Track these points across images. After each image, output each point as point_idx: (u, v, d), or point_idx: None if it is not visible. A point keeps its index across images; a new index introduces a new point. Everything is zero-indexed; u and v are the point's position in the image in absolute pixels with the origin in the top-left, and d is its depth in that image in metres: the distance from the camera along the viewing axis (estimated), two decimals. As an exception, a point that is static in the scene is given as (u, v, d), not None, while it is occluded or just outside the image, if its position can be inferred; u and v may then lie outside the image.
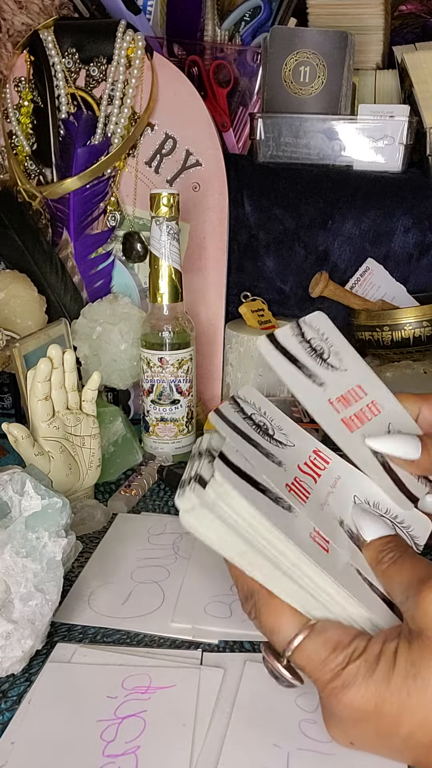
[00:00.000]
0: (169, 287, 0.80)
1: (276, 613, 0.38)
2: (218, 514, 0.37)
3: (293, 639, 0.37)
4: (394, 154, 0.91)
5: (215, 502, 0.37)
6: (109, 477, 0.78)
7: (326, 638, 0.37)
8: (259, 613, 0.39)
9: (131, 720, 0.44)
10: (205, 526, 0.37)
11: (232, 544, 0.37)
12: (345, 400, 0.48)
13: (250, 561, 0.38)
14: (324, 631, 0.37)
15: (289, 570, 0.37)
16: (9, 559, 0.50)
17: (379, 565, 0.40)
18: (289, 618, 0.38)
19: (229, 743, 0.42)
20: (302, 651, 0.37)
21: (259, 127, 0.93)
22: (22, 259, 0.92)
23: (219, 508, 0.37)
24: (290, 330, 0.50)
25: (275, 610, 0.38)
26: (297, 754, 0.41)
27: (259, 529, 0.37)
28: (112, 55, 0.89)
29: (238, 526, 0.37)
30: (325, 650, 0.36)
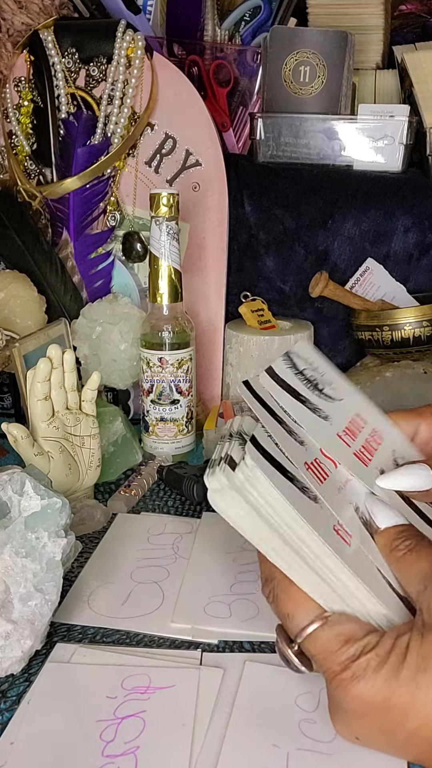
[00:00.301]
0: (169, 287, 0.80)
1: (293, 600, 0.38)
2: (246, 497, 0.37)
3: (307, 626, 0.38)
4: (394, 154, 0.91)
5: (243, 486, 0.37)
6: (109, 477, 0.78)
7: (340, 630, 0.37)
8: (276, 598, 0.39)
9: (131, 720, 0.44)
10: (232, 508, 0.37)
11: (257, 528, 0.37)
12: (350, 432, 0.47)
13: (273, 547, 0.38)
14: (338, 623, 0.37)
15: (311, 561, 0.37)
16: (8, 559, 0.50)
17: (394, 553, 0.39)
18: (305, 606, 0.38)
19: (229, 743, 0.42)
20: (315, 640, 0.37)
21: (259, 127, 0.93)
22: (22, 259, 0.92)
23: (247, 492, 0.37)
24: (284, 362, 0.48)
25: (293, 597, 0.38)
26: (296, 755, 0.41)
27: (285, 517, 0.37)
28: (112, 55, 0.89)
29: (264, 512, 0.37)
30: (338, 642, 0.36)
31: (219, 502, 0.38)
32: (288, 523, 0.37)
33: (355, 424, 0.47)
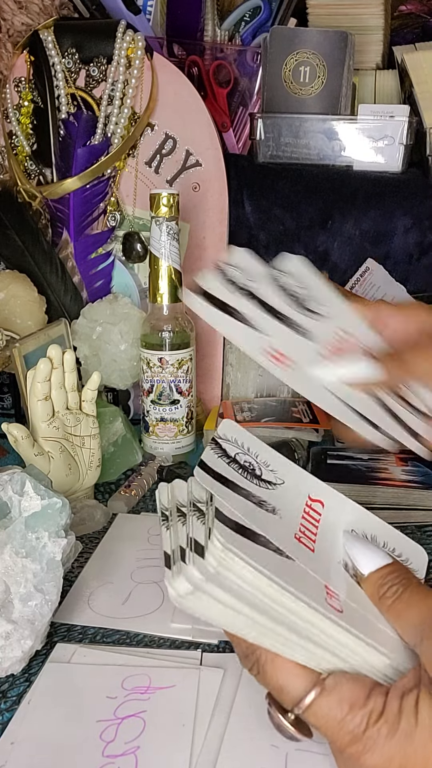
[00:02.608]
0: (169, 287, 0.80)
1: (282, 670, 0.36)
2: (222, 584, 0.34)
3: (304, 697, 0.35)
4: (394, 154, 0.91)
5: (218, 572, 0.34)
6: (109, 477, 0.78)
7: (340, 697, 0.35)
8: (263, 670, 0.37)
9: (131, 720, 0.44)
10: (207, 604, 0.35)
11: (237, 615, 0.35)
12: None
13: (258, 630, 0.35)
14: (337, 687, 0.35)
15: (303, 629, 0.35)
16: (9, 560, 0.50)
17: (383, 601, 0.37)
18: (297, 674, 0.36)
19: (228, 744, 0.42)
20: (315, 711, 0.35)
21: (259, 127, 0.93)
22: (22, 259, 0.92)
23: (222, 578, 0.34)
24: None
25: (281, 667, 0.36)
26: (295, 755, 0.41)
27: (269, 591, 0.34)
28: (112, 55, 0.89)
29: (244, 593, 0.34)
30: (341, 710, 0.34)
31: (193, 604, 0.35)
32: (273, 597, 0.35)
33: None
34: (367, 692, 0.35)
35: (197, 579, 0.34)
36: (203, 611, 0.35)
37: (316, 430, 0.83)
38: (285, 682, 0.36)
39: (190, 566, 0.35)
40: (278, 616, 0.35)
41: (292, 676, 0.36)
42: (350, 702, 0.34)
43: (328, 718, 0.35)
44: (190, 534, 0.37)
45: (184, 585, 0.35)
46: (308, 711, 0.35)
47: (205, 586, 0.34)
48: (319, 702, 0.35)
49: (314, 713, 0.35)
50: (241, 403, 0.89)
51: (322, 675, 0.36)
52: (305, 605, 0.35)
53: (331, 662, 0.36)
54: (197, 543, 0.36)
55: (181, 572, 0.35)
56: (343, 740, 0.34)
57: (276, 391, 0.92)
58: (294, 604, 0.35)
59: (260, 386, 0.92)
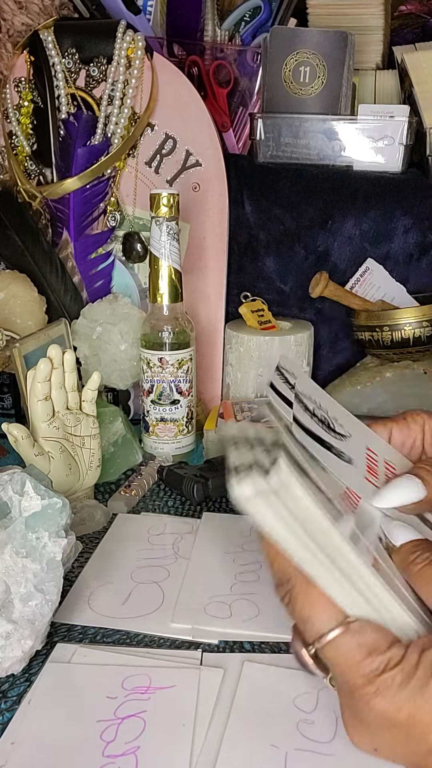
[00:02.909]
0: (169, 287, 0.80)
1: (313, 603, 0.37)
2: (283, 502, 0.36)
3: (328, 632, 0.36)
4: (394, 154, 0.91)
5: (278, 491, 0.35)
6: (109, 477, 0.78)
7: (363, 640, 0.36)
8: (294, 600, 0.37)
9: (131, 720, 0.44)
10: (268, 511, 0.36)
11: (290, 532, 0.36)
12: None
13: (307, 553, 0.37)
14: (361, 631, 0.36)
15: (344, 567, 0.36)
16: (9, 559, 0.50)
17: (412, 566, 0.38)
18: (326, 610, 0.37)
19: (228, 744, 0.42)
20: (335, 647, 0.36)
21: (259, 127, 0.93)
22: (22, 259, 0.92)
23: (282, 497, 0.36)
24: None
25: (312, 600, 0.37)
26: (295, 755, 0.41)
27: (321, 523, 0.36)
28: (112, 55, 0.89)
29: (299, 517, 0.36)
30: (360, 653, 0.35)
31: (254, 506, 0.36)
32: (323, 530, 0.36)
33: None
34: (388, 643, 0.35)
35: (263, 486, 0.35)
36: (261, 517, 0.36)
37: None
38: (313, 614, 0.37)
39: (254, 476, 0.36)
40: (327, 548, 0.36)
41: (321, 610, 0.37)
42: (371, 647, 0.35)
43: (346, 657, 0.35)
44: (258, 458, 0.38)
45: (248, 489, 0.36)
46: (328, 646, 0.36)
47: (268, 495, 0.35)
48: (341, 640, 0.36)
49: (334, 650, 0.36)
50: (241, 403, 0.89)
51: (350, 618, 0.36)
52: (349, 547, 0.36)
53: (363, 608, 0.37)
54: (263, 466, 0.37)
55: (248, 477, 0.36)
56: (356, 681, 0.35)
57: (276, 391, 0.92)
58: (343, 545, 0.36)
59: (260, 386, 0.92)
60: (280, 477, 0.36)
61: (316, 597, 0.37)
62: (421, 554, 0.39)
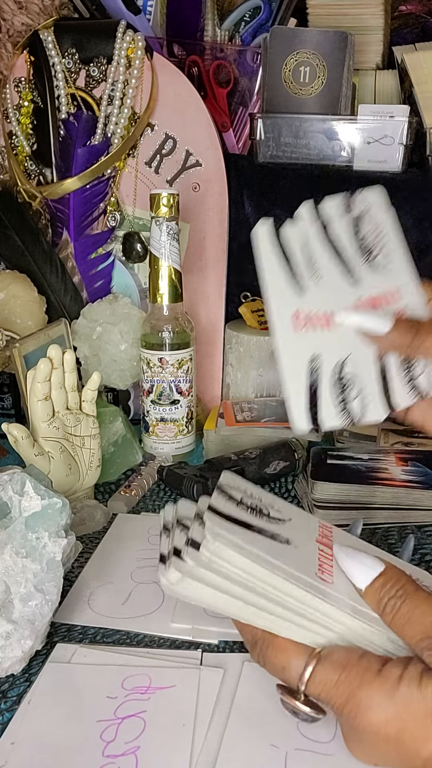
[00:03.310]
0: (169, 287, 0.80)
1: (281, 651, 0.38)
2: (214, 570, 0.36)
3: (304, 671, 0.37)
4: (394, 154, 0.91)
5: (211, 560, 0.36)
6: (109, 477, 0.78)
7: (334, 661, 0.36)
8: (265, 656, 0.39)
9: (131, 720, 0.44)
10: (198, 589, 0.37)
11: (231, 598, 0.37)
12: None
13: (251, 610, 0.37)
14: (331, 654, 0.37)
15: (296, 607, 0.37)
16: (9, 560, 0.50)
17: (384, 617, 0.38)
18: (294, 652, 0.38)
19: (228, 743, 0.42)
20: (314, 680, 0.37)
21: (259, 127, 0.93)
22: (22, 259, 0.92)
23: (216, 565, 0.36)
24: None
25: (280, 649, 0.38)
26: (295, 755, 0.41)
27: (261, 574, 0.36)
28: (112, 55, 0.89)
29: (236, 577, 0.37)
30: (335, 672, 0.36)
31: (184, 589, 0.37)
32: (264, 579, 0.36)
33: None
34: (359, 655, 0.36)
35: (190, 566, 0.36)
36: (195, 596, 0.37)
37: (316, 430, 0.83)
38: (286, 661, 0.38)
39: (185, 557, 0.37)
40: (271, 595, 0.37)
41: (291, 655, 0.38)
42: (343, 664, 0.36)
43: (325, 682, 0.36)
44: (190, 535, 0.39)
45: (174, 574, 0.37)
46: (310, 683, 0.37)
47: (197, 572, 0.36)
48: (318, 671, 0.36)
49: (314, 683, 0.36)
50: (241, 403, 0.89)
51: (317, 649, 0.37)
52: (296, 585, 0.36)
53: (326, 637, 0.37)
54: (194, 541, 0.38)
55: (172, 565, 0.37)
56: (339, 700, 0.35)
57: (276, 391, 0.92)
58: (286, 585, 0.36)
59: (260, 386, 0.92)
60: (209, 548, 0.36)
61: (283, 645, 0.38)
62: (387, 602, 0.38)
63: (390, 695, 0.34)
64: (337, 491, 0.70)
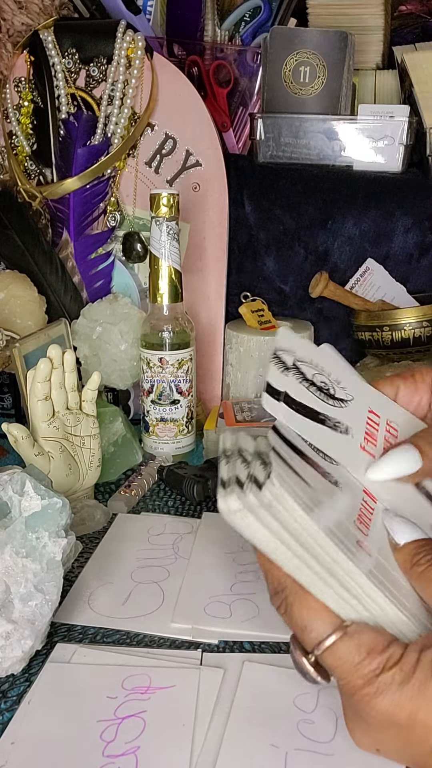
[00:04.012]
0: (169, 287, 0.80)
1: (309, 610, 0.37)
2: (275, 515, 0.36)
3: (325, 639, 0.36)
4: (394, 154, 0.91)
5: (272, 503, 0.36)
6: (109, 477, 0.78)
7: (360, 642, 0.36)
8: (290, 609, 0.38)
9: (131, 720, 0.44)
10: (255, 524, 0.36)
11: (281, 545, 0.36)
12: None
13: (297, 563, 0.37)
14: (358, 634, 0.36)
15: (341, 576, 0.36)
16: (9, 559, 0.50)
17: (415, 568, 0.38)
18: (322, 616, 0.37)
19: (228, 743, 0.42)
20: (334, 652, 0.36)
21: (259, 128, 0.93)
22: (22, 259, 0.92)
23: (275, 510, 0.36)
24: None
25: (308, 607, 0.37)
26: (295, 755, 0.41)
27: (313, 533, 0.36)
28: (112, 55, 0.89)
29: (294, 530, 0.36)
30: (359, 654, 0.35)
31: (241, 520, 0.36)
32: (316, 539, 0.36)
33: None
34: (386, 643, 0.36)
35: (251, 501, 0.35)
36: (250, 531, 0.36)
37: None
38: (310, 622, 0.37)
39: (247, 492, 0.36)
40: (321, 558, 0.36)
41: (317, 617, 0.37)
42: (369, 648, 0.35)
43: (345, 660, 0.35)
44: (252, 471, 0.38)
45: (235, 502, 0.36)
46: (327, 652, 0.36)
47: (257, 509, 0.35)
48: (339, 645, 0.36)
49: (333, 655, 0.36)
50: (241, 403, 0.89)
51: (346, 622, 0.37)
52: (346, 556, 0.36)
53: (359, 612, 0.37)
54: (256, 479, 0.37)
55: (234, 492, 0.36)
56: (356, 683, 0.35)
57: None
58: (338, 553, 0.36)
59: (260, 386, 0.92)
60: (272, 491, 0.36)
61: (312, 604, 0.37)
62: (424, 556, 0.38)
63: (406, 681, 0.34)
64: None
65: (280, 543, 0.36)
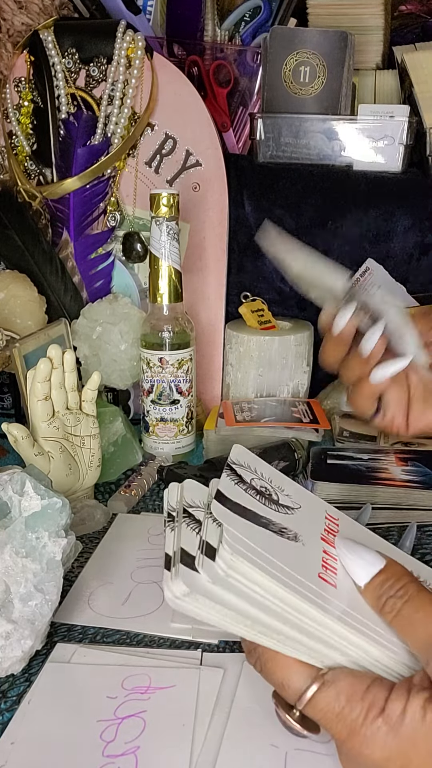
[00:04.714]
0: (169, 287, 0.80)
1: (283, 668, 0.37)
2: (230, 587, 0.35)
3: (305, 691, 0.36)
4: (394, 154, 0.91)
5: (227, 574, 0.35)
6: (109, 477, 0.78)
7: (339, 689, 0.35)
8: (264, 666, 0.37)
9: (131, 720, 0.44)
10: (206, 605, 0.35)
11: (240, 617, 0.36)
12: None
13: (260, 629, 0.36)
14: (336, 681, 0.35)
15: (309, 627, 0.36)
16: (9, 559, 0.50)
17: (384, 616, 0.37)
18: (297, 670, 0.36)
19: (228, 743, 0.42)
20: (315, 704, 0.35)
21: (259, 127, 0.93)
22: (22, 259, 0.92)
23: (232, 579, 0.35)
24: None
25: (282, 664, 0.37)
26: (295, 755, 0.41)
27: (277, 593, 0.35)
28: (112, 55, 0.89)
29: (254, 595, 0.35)
30: (339, 702, 0.34)
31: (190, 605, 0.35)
32: (280, 597, 0.35)
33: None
34: (365, 686, 0.35)
35: (202, 581, 0.35)
36: (200, 613, 0.36)
37: (316, 430, 0.83)
38: (286, 678, 0.37)
39: (198, 567, 0.36)
40: (286, 615, 0.36)
41: (293, 672, 0.36)
42: (348, 694, 0.35)
43: (326, 711, 0.35)
44: (204, 537, 0.38)
45: (180, 587, 0.35)
46: (309, 705, 0.36)
47: (209, 588, 0.35)
48: (318, 696, 0.35)
49: (314, 707, 0.35)
50: (241, 403, 0.89)
51: (322, 670, 0.36)
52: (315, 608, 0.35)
53: (333, 658, 0.36)
54: (209, 545, 0.36)
55: (179, 575, 0.36)
56: (341, 733, 0.34)
57: (276, 391, 0.92)
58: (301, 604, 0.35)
59: (260, 386, 0.92)
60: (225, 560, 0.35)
61: (284, 660, 0.37)
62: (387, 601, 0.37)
63: (395, 731, 0.33)
64: (337, 491, 0.70)
65: (237, 615, 0.35)
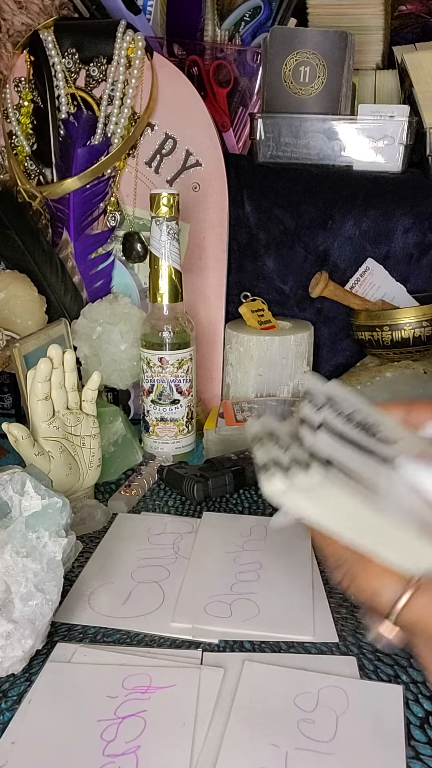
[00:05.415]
0: (169, 287, 0.80)
1: (376, 576, 0.37)
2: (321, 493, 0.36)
3: (400, 597, 0.37)
4: (394, 154, 0.91)
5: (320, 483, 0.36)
6: (109, 477, 0.78)
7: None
8: (355, 579, 0.38)
9: (131, 720, 0.44)
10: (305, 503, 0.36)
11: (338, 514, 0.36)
12: None
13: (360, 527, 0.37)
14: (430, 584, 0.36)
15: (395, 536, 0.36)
16: (9, 559, 0.50)
17: None
18: (391, 578, 0.37)
19: (228, 743, 0.42)
20: (412, 608, 0.36)
21: (259, 127, 0.93)
22: (22, 259, 0.92)
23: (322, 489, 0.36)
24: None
25: (374, 573, 0.37)
26: (295, 754, 0.41)
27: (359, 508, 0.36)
28: (112, 55, 0.89)
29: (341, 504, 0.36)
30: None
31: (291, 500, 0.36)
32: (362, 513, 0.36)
33: None
34: None
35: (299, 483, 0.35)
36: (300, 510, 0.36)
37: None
38: (379, 587, 0.37)
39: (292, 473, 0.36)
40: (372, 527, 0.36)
41: (386, 580, 0.37)
42: None
43: (423, 612, 0.36)
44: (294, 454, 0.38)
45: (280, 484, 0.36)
46: (405, 610, 0.36)
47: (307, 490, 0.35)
48: (416, 600, 0.36)
49: (411, 611, 0.36)
50: (241, 403, 0.89)
51: (414, 577, 0.37)
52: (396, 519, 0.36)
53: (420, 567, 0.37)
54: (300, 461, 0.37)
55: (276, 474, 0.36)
56: None
57: (276, 391, 0.92)
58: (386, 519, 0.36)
59: (260, 386, 0.92)
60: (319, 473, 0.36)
61: (377, 569, 0.37)
62: None
63: None
64: None
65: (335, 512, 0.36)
